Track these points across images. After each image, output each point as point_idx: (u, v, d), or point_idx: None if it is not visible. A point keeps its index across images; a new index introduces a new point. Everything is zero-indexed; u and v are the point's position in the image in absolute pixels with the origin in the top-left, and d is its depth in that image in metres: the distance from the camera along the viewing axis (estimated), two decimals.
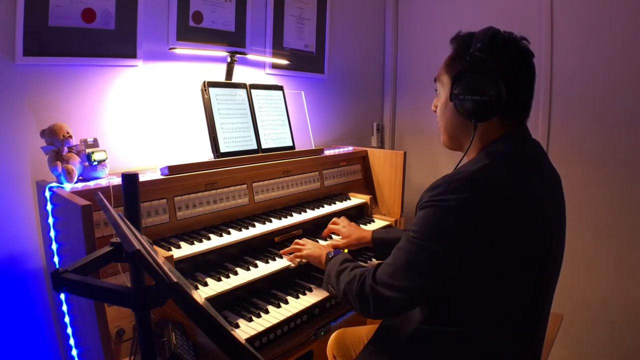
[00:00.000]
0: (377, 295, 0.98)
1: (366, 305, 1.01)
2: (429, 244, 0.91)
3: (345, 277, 1.10)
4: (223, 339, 0.52)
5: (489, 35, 0.95)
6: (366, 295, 1.00)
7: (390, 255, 0.99)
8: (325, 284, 1.25)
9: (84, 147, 1.36)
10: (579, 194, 2.16)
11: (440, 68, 1.05)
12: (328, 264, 1.26)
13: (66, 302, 1.27)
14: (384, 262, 1.01)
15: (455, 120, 1.01)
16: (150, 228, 1.38)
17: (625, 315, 2.10)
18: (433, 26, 2.67)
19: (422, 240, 0.92)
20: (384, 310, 1.01)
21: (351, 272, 1.10)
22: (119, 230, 0.67)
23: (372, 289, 0.99)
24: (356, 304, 1.04)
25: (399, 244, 0.98)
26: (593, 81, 2.13)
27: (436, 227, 0.91)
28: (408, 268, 0.94)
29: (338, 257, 1.25)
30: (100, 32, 1.53)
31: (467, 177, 0.90)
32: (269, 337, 1.26)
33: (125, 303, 0.74)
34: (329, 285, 1.21)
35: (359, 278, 1.04)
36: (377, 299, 0.98)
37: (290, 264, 1.47)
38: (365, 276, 1.03)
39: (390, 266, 0.97)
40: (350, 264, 1.16)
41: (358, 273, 1.07)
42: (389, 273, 0.97)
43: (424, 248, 0.92)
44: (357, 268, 1.11)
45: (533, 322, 0.97)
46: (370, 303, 0.99)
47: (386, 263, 1.00)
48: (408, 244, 0.95)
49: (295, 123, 1.99)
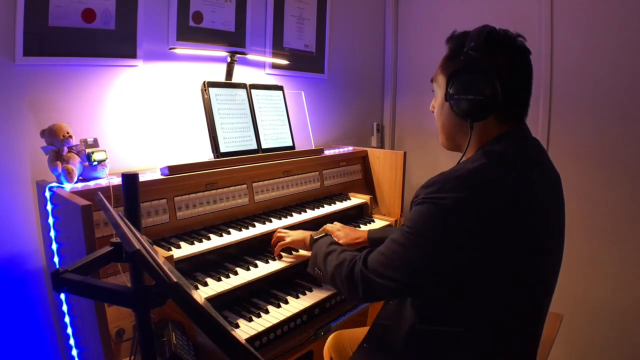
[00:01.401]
0: (367, 281, 0.99)
1: (355, 289, 1.02)
2: (422, 240, 0.91)
3: (333, 260, 1.11)
4: (223, 339, 0.52)
5: (484, 33, 0.94)
6: (355, 279, 1.01)
7: (384, 244, 1.00)
8: (311, 266, 1.25)
9: (84, 147, 1.36)
10: (579, 193, 2.16)
11: (436, 68, 1.05)
12: (314, 246, 1.26)
13: (66, 302, 1.27)
14: (375, 249, 1.02)
15: (452, 120, 1.01)
16: (150, 228, 1.38)
17: (625, 315, 2.10)
18: (433, 26, 2.67)
19: (416, 237, 0.92)
20: (373, 294, 1.03)
21: (340, 255, 1.10)
22: (119, 230, 0.67)
23: (362, 274, 1.00)
24: (344, 287, 1.05)
25: (393, 235, 0.99)
26: (593, 80, 2.13)
27: (430, 225, 0.91)
28: (400, 261, 0.94)
29: (324, 239, 1.25)
30: (100, 32, 1.53)
31: (463, 176, 0.89)
32: (269, 337, 1.26)
33: (125, 303, 0.74)
34: (315, 267, 1.21)
35: (349, 262, 1.05)
36: (366, 284, 0.99)
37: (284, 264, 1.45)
38: (356, 260, 1.03)
39: (383, 255, 0.98)
40: (338, 247, 1.17)
41: (348, 257, 1.07)
42: (380, 261, 0.98)
43: (417, 245, 0.92)
44: (346, 251, 1.12)
45: (531, 321, 0.97)
46: (359, 287, 1.00)
47: (378, 251, 1.00)
48: (402, 237, 0.95)
49: (295, 123, 1.99)
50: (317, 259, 1.20)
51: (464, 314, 0.93)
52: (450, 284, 0.92)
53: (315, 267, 1.22)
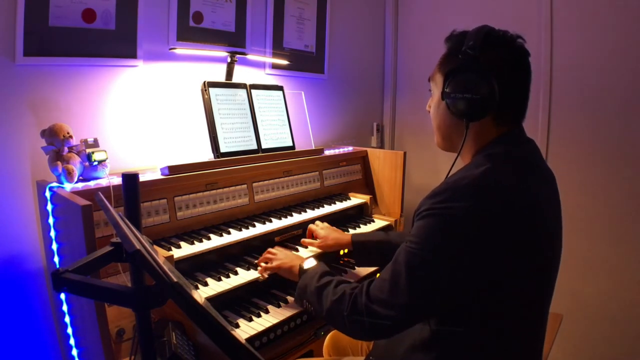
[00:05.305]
0: (373, 315, 0.90)
1: (358, 326, 0.93)
2: (431, 255, 0.85)
3: (330, 295, 1.01)
4: (223, 339, 0.52)
5: (482, 33, 0.93)
6: (360, 315, 0.92)
7: (385, 270, 0.93)
8: (298, 299, 1.15)
9: (84, 147, 1.36)
10: (579, 193, 2.16)
11: (434, 67, 1.04)
12: (303, 277, 1.16)
13: (66, 302, 1.27)
14: (376, 277, 0.96)
15: (448, 119, 0.99)
16: (151, 228, 1.38)
17: (624, 315, 2.10)
18: (433, 26, 2.67)
19: (425, 252, 0.86)
20: (380, 330, 0.93)
21: (337, 289, 1.01)
22: (119, 230, 0.68)
23: (366, 308, 0.91)
24: (346, 324, 0.96)
25: (396, 257, 0.91)
26: (593, 81, 2.13)
27: (441, 238, 0.85)
28: (408, 283, 0.87)
29: (315, 269, 1.15)
30: (101, 32, 1.54)
31: (472, 184, 0.86)
32: (269, 336, 1.26)
33: (125, 303, 0.74)
34: (304, 300, 1.11)
35: (350, 296, 0.96)
36: (372, 319, 0.91)
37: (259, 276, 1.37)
38: (357, 294, 0.95)
39: (387, 282, 0.90)
40: (332, 279, 1.07)
41: (347, 290, 0.98)
42: (385, 289, 0.90)
43: (426, 261, 0.86)
44: (342, 284, 1.03)
45: (533, 321, 0.97)
46: (365, 323, 0.92)
47: (381, 278, 0.93)
48: (408, 256, 0.88)
49: (295, 123, 1.99)
50: (306, 291, 1.10)
51: (469, 320, 0.92)
52: (459, 294, 0.87)
53: (303, 299, 1.12)
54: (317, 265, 1.18)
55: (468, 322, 0.92)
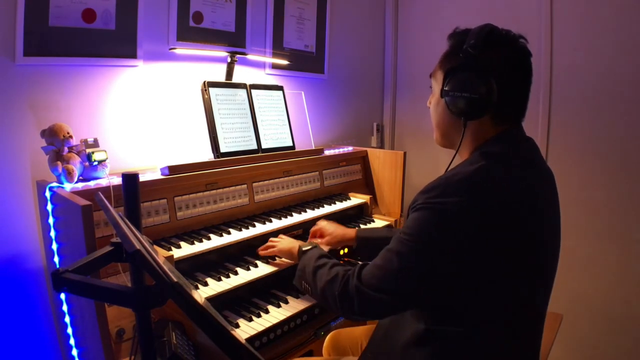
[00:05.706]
0: (363, 296, 0.94)
1: (349, 305, 0.97)
2: (422, 246, 0.88)
3: (324, 275, 1.06)
4: (223, 339, 0.52)
5: (485, 32, 0.93)
6: (350, 295, 0.96)
7: (378, 256, 0.96)
8: (297, 280, 1.19)
9: (84, 147, 1.36)
10: (579, 192, 2.16)
11: (435, 64, 1.05)
12: (302, 258, 1.20)
13: (66, 302, 1.27)
14: (369, 262, 0.98)
15: (447, 117, 0.99)
16: (151, 228, 1.38)
17: (624, 315, 2.10)
18: (433, 26, 2.67)
19: (415, 243, 0.89)
20: (370, 311, 0.98)
21: (331, 270, 1.05)
22: (119, 230, 0.68)
23: (357, 289, 0.95)
24: (337, 303, 1.00)
25: (389, 245, 0.94)
26: (593, 80, 2.13)
27: (431, 230, 0.87)
28: (398, 271, 0.90)
29: (313, 252, 1.19)
30: (101, 32, 1.54)
31: (464, 180, 0.88)
32: (269, 336, 1.27)
33: (125, 303, 0.74)
34: (303, 280, 1.16)
35: (342, 277, 1.00)
36: (362, 300, 0.95)
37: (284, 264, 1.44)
38: (349, 275, 0.99)
39: (379, 268, 0.94)
40: (328, 260, 1.11)
41: (340, 272, 1.03)
42: (376, 275, 0.93)
43: (417, 251, 0.89)
44: (337, 266, 1.07)
45: (531, 321, 0.97)
46: (355, 303, 0.96)
47: (373, 264, 0.96)
48: (399, 245, 0.91)
49: (295, 123, 1.99)
50: (304, 272, 1.15)
51: (465, 316, 0.93)
52: (451, 290, 0.89)
53: (302, 280, 1.16)
54: (316, 248, 1.23)
55: (462, 320, 0.92)
